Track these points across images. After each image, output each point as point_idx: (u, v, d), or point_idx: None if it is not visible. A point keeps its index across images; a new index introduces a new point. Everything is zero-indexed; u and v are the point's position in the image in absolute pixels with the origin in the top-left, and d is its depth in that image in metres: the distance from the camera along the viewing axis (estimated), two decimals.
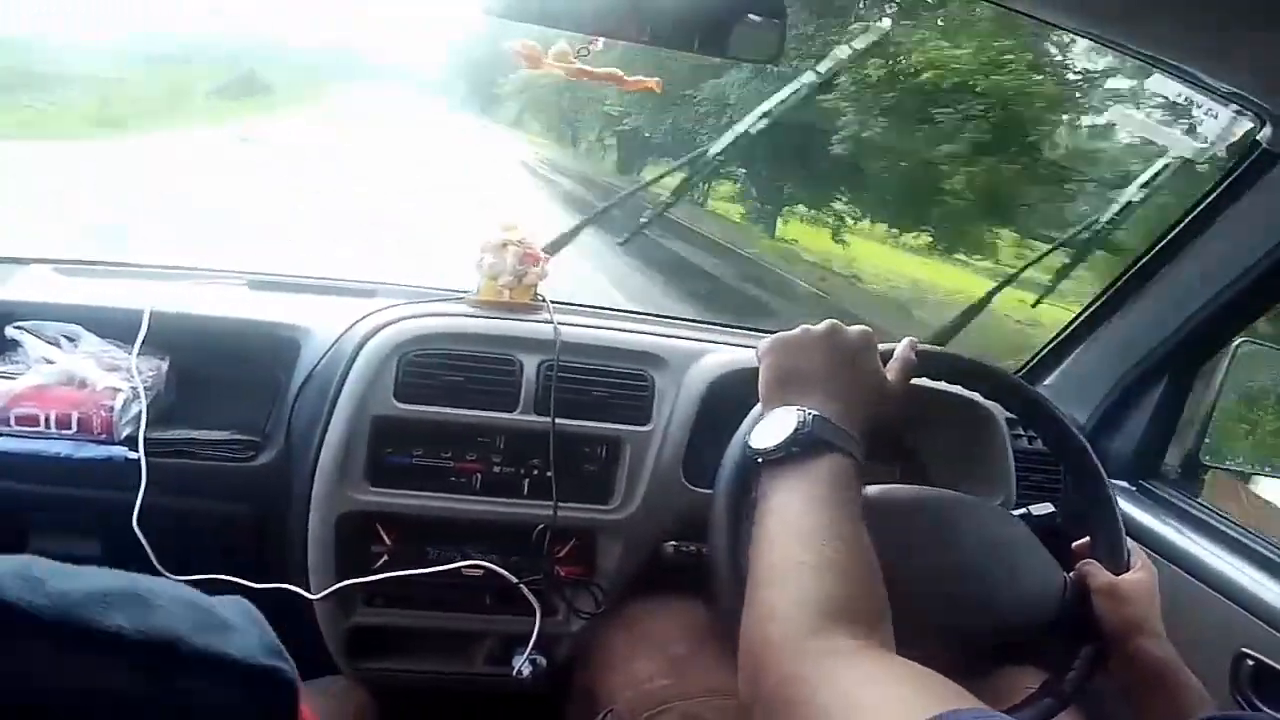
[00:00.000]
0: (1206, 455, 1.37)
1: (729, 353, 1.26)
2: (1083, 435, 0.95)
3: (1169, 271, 1.30)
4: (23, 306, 1.17)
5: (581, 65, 1.04)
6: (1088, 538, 0.94)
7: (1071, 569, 0.91)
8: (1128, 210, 1.60)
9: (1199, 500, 1.34)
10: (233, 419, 1.19)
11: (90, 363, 1.11)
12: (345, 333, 1.20)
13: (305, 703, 0.43)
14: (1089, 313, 1.43)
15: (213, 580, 1.04)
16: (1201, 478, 1.39)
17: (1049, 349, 1.51)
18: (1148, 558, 0.93)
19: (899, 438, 1.28)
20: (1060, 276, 1.81)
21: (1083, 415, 1.42)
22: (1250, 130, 1.12)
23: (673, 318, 1.48)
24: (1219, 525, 1.25)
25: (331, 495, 1.13)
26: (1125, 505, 1.22)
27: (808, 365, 0.76)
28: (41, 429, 1.08)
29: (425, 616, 1.20)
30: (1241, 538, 1.21)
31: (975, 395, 1.23)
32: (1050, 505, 1.05)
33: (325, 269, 1.48)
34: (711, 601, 0.87)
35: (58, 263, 1.35)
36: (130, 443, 1.09)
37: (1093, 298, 1.44)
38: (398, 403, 1.14)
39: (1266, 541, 1.19)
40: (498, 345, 1.19)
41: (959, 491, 0.96)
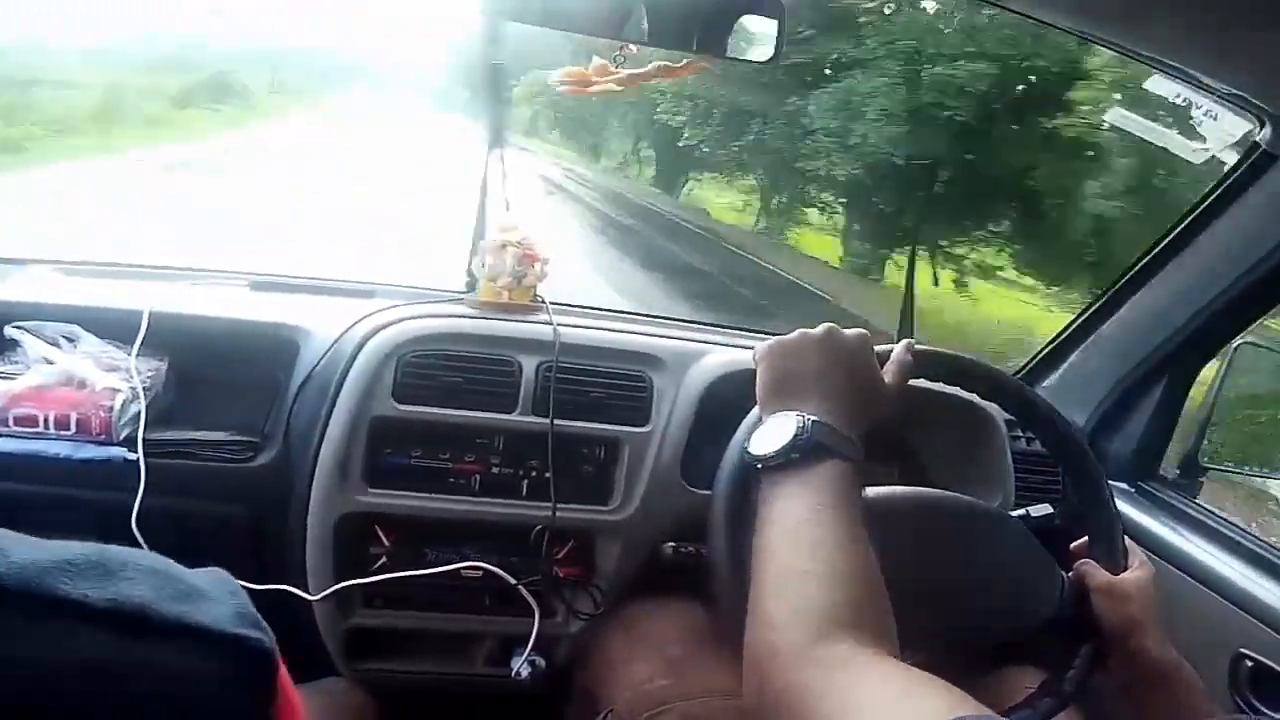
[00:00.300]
0: (1205, 457, 1.37)
1: (728, 354, 1.26)
2: (1081, 436, 0.95)
3: (1168, 273, 1.29)
4: (22, 306, 1.17)
5: (629, 73, 1.02)
6: (1086, 538, 0.94)
7: (1070, 569, 0.92)
8: None
9: (1197, 501, 1.34)
10: (232, 420, 1.19)
11: (89, 363, 1.11)
12: (344, 333, 1.20)
13: (306, 703, 0.43)
14: (1088, 314, 1.43)
15: None
16: (1200, 479, 1.39)
17: (1048, 350, 1.51)
18: (1146, 558, 0.93)
19: (898, 439, 1.28)
20: None
21: (1082, 416, 1.42)
22: (1249, 131, 1.12)
23: (671, 319, 1.48)
24: (1217, 526, 1.25)
25: (330, 496, 1.13)
26: (1124, 506, 1.22)
27: (805, 369, 0.76)
28: (40, 429, 1.08)
29: (424, 618, 1.20)
30: (1240, 539, 1.21)
31: (974, 396, 1.23)
32: (1049, 506, 1.05)
33: (323, 270, 1.48)
34: (711, 602, 0.87)
35: (57, 263, 1.35)
36: (129, 443, 1.09)
37: (1092, 299, 1.44)
38: (397, 403, 1.14)
39: (1265, 542, 1.20)
40: (496, 346, 1.19)
41: (958, 493, 0.96)
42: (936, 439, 1.29)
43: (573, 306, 1.38)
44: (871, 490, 0.86)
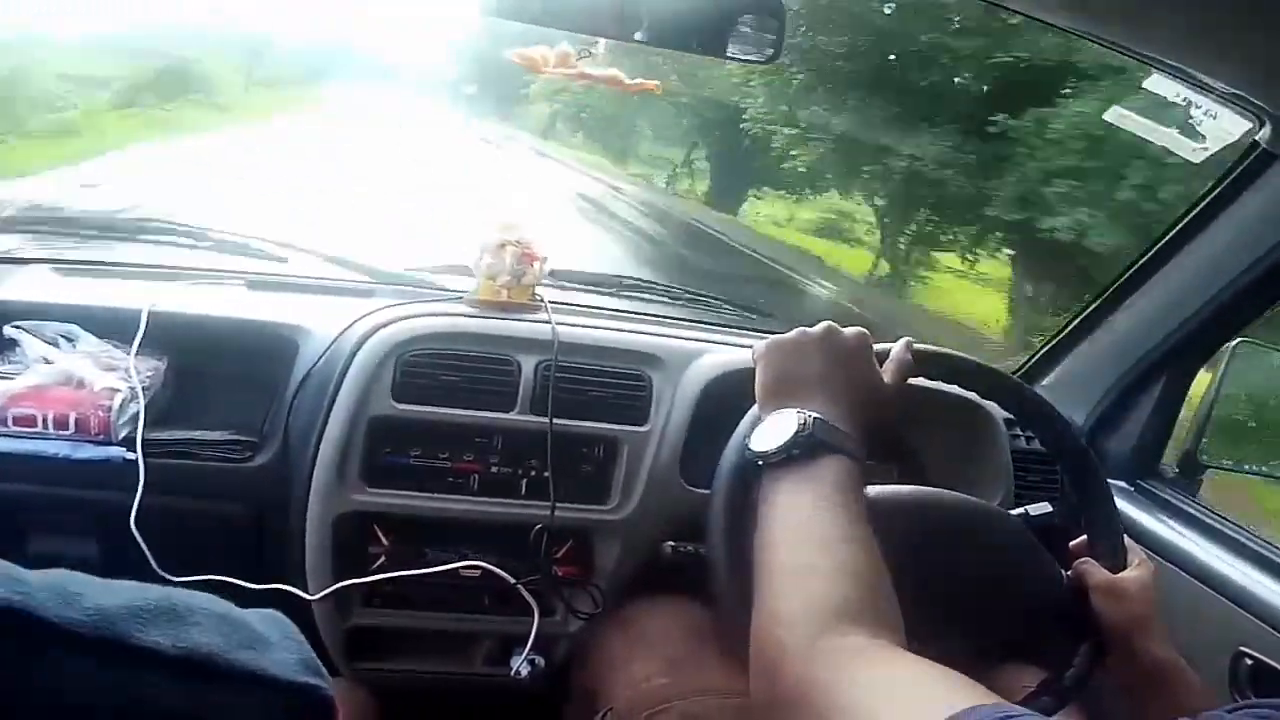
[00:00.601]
0: (1204, 455, 1.37)
1: (726, 353, 1.26)
2: (1080, 435, 0.95)
3: (1167, 271, 1.29)
4: (21, 306, 1.17)
5: (583, 68, 1.04)
6: (1085, 537, 0.94)
7: (1069, 568, 0.92)
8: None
9: (1197, 500, 1.34)
10: (230, 419, 1.19)
11: (88, 363, 1.11)
12: (343, 333, 1.20)
13: None
14: (1087, 312, 1.43)
15: (210, 581, 1.04)
16: (1199, 477, 1.39)
17: (1047, 349, 1.51)
18: (1145, 556, 0.93)
19: (897, 438, 1.28)
20: None
21: (1080, 415, 1.42)
22: (1249, 130, 1.12)
23: (670, 318, 1.48)
24: (1217, 525, 1.25)
25: (329, 496, 1.13)
26: (1123, 505, 1.22)
27: (804, 368, 0.75)
28: (39, 429, 1.07)
29: (423, 617, 1.20)
30: (1239, 537, 1.21)
31: (973, 395, 1.23)
32: (1048, 505, 1.05)
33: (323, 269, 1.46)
34: (710, 601, 0.87)
35: (56, 263, 1.35)
36: (128, 443, 1.09)
37: (1091, 297, 1.44)
38: (395, 403, 1.14)
39: (1265, 541, 1.20)
40: (495, 345, 1.19)
41: (957, 491, 0.96)
42: (936, 438, 1.29)
43: (572, 305, 1.38)
44: (871, 489, 0.86)
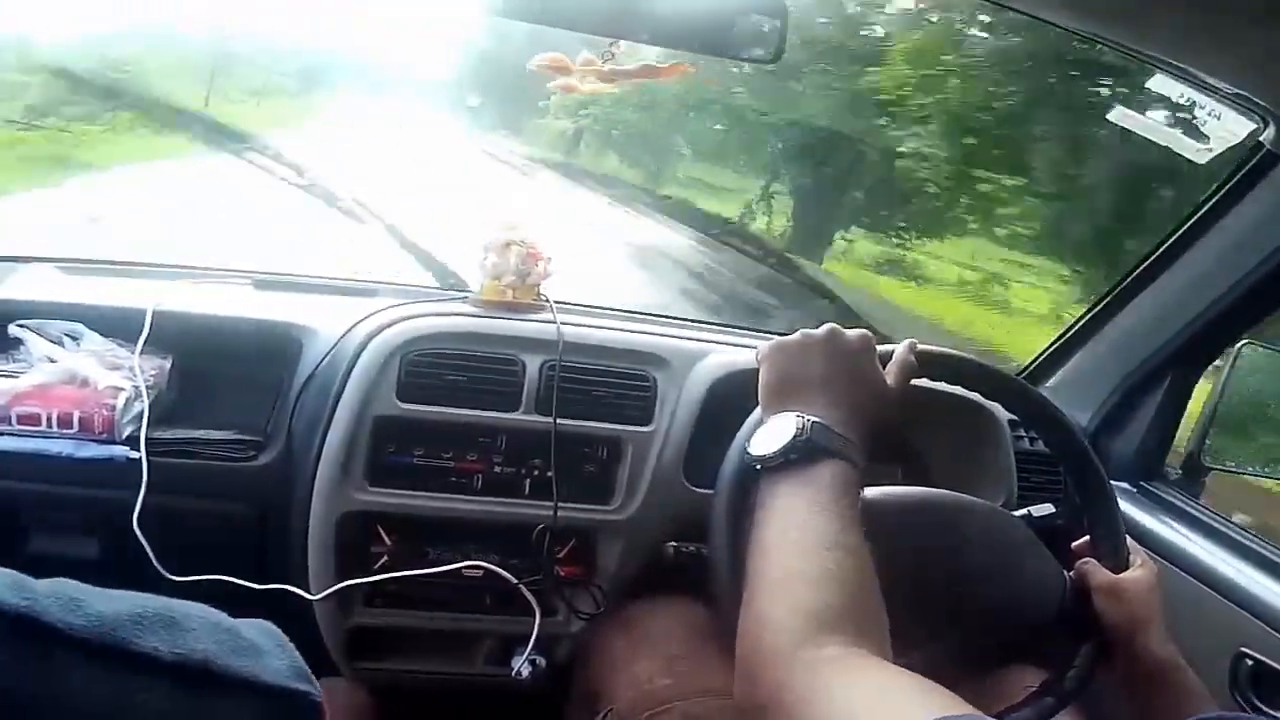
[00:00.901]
0: (1208, 457, 1.37)
1: (731, 353, 1.26)
2: (1084, 436, 0.95)
3: (1172, 273, 1.29)
4: (25, 305, 1.17)
5: (613, 69, 1.02)
6: (1088, 537, 0.94)
7: (1072, 568, 0.92)
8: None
9: (1200, 501, 1.34)
10: (234, 419, 1.19)
11: (92, 361, 1.11)
12: (348, 332, 1.20)
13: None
14: (1091, 314, 1.43)
15: (213, 581, 1.04)
16: (1202, 479, 1.39)
17: (1051, 350, 1.51)
18: (1148, 557, 0.93)
19: (900, 439, 1.28)
20: None
21: (1084, 416, 1.42)
22: (1253, 131, 1.12)
23: (675, 318, 1.48)
24: (1219, 526, 1.25)
25: (332, 495, 1.13)
26: (1126, 506, 1.22)
27: (807, 370, 0.76)
28: (43, 428, 1.07)
29: (425, 617, 1.20)
30: (1241, 539, 1.21)
31: (976, 396, 1.23)
32: (1051, 506, 1.05)
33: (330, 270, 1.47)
34: (712, 602, 0.87)
35: (61, 261, 1.35)
36: (132, 442, 1.09)
37: (1096, 298, 1.44)
38: (399, 402, 1.14)
39: (1266, 542, 1.19)
40: (500, 345, 1.19)
41: (960, 492, 0.96)
42: (939, 439, 1.29)
43: (576, 305, 1.38)
44: (874, 490, 0.86)
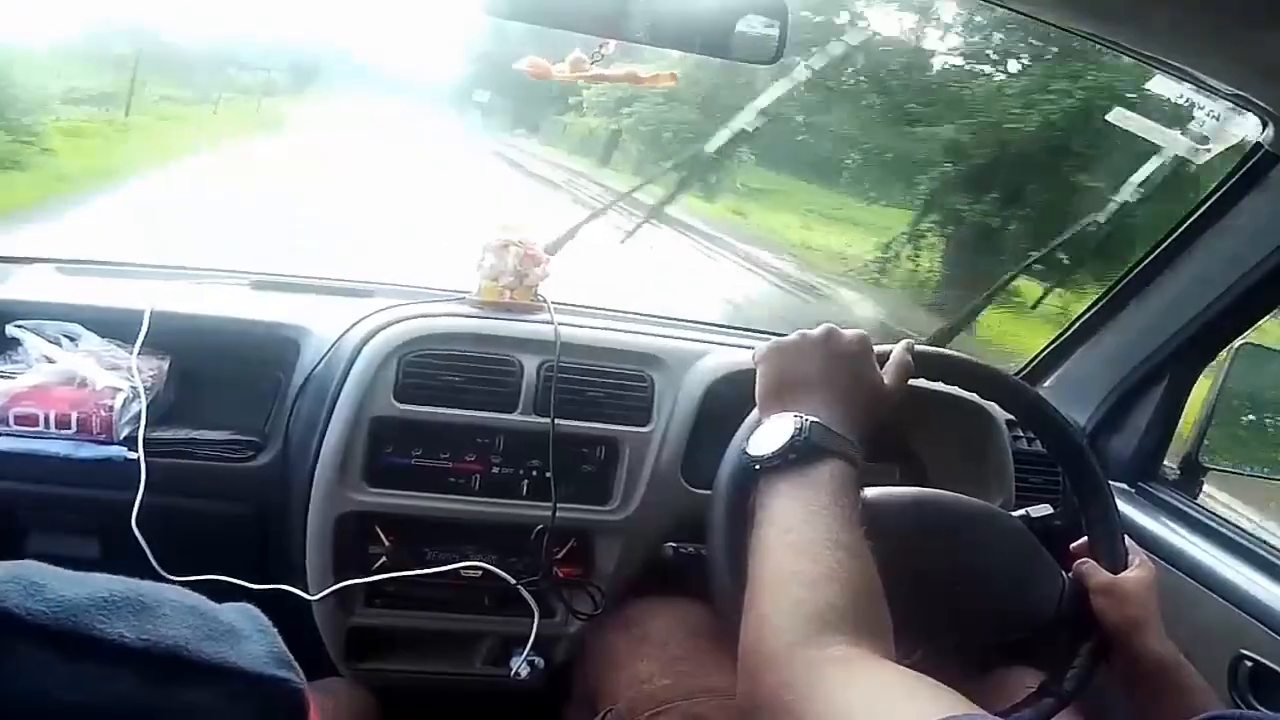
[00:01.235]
0: (1205, 457, 1.37)
1: (728, 354, 1.26)
2: (1082, 436, 0.95)
3: (1169, 273, 1.29)
4: (23, 305, 1.17)
5: (598, 71, 1.03)
6: (1086, 538, 0.94)
7: (1070, 569, 0.92)
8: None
9: (1198, 502, 1.34)
10: (232, 419, 1.19)
11: (91, 362, 1.11)
12: (345, 333, 1.20)
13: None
14: (1089, 314, 1.43)
15: (212, 581, 1.04)
16: (1200, 479, 1.39)
17: (1049, 350, 1.51)
18: (1146, 557, 0.93)
19: (898, 440, 1.28)
20: None
21: (1082, 417, 1.42)
22: (1252, 132, 1.12)
23: (672, 319, 1.48)
24: (1218, 527, 1.25)
25: (330, 496, 1.13)
26: (1124, 507, 1.22)
27: (805, 370, 0.76)
28: (41, 429, 1.07)
29: (424, 617, 1.20)
30: (1240, 539, 1.21)
31: (974, 396, 1.23)
32: (1049, 506, 1.05)
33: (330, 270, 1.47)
34: (711, 602, 0.87)
35: (59, 262, 1.35)
36: (130, 443, 1.09)
37: (1094, 299, 1.44)
38: (397, 403, 1.14)
39: (1265, 543, 1.20)
40: (498, 346, 1.19)
41: (958, 493, 0.96)
42: (937, 439, 1.29)
43: (574, 306, 1.38)
44: (872, 490, 0.86)
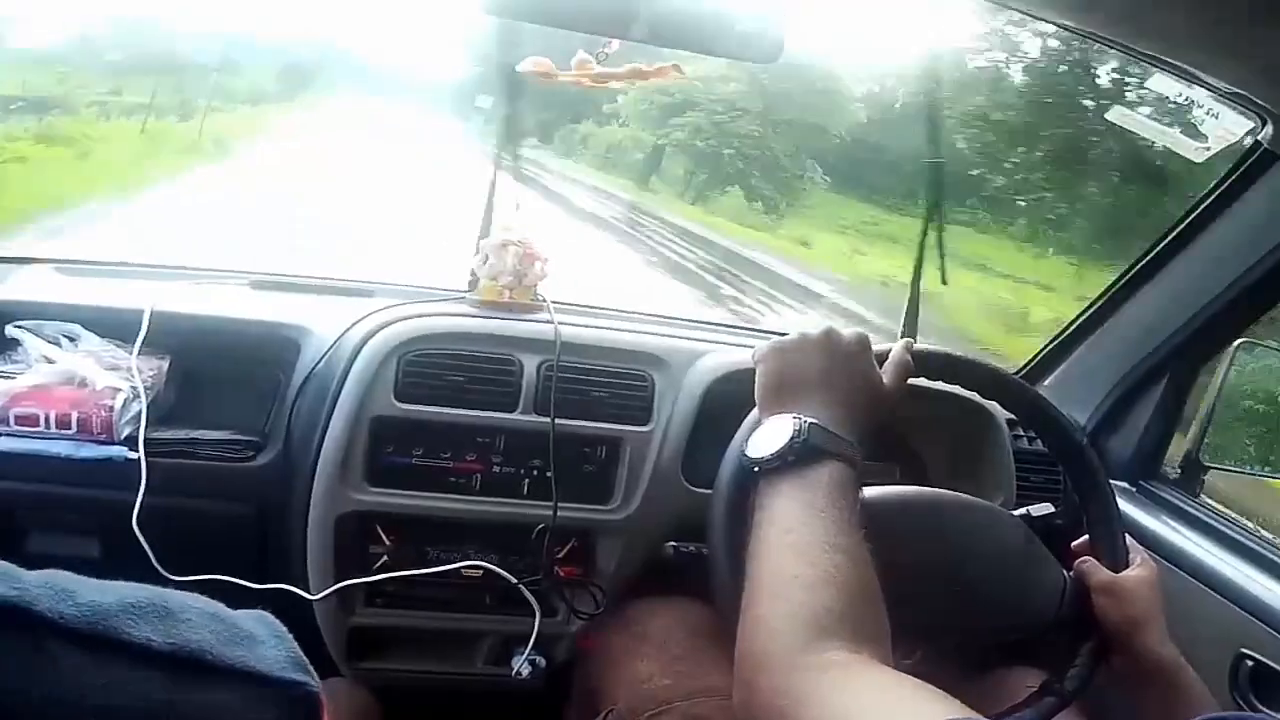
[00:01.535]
0: (1206, 455, 1.37)
1: (729, 353, 1.26)
2: (1082, 435, 0.95)
3: (1169, 271, 1.29)
4: (23, 306, 1.17)
5: (601, 69, 1.02)
6: (1086, 537, 0.94)
7: (1071, 568, 0.91)
8: None
9: (1199, 501, 1.34)
10: (233, 419, 1.19)
11: (90, 362, 1.11)
12: (345, 333, 1.20)
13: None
14: (1089, 312, 1.43)
15: (213, 581, 1.04)
16: (1201, 478, 1.39)
17: (1049, 348, 1.51)
18: (1147, 556, 0.93)
19: (898, 439, 1.28)
20: None
21: (1083, 415, 1.42)
22: (1251, 130, 1.12)
23: (673, 318, 1.48)
24: (1219, 526, 1.24)
25: (331, 495, 1.13)
26: (1125, 506, 1.22)
27: (804, 371, 0.75)
28: (41, 429, 1.07)
29: (425, 617, 1.20)
30: (1241, 538, 1.21)
31: (975, 396, 1.23)
32: (1050, 505, 1.05)
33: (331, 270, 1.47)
34: (712, 602, 0.87)
35: (58, 262, 1.35)
36: (130, 443, 1.09)
37: (1094, 297, 1.44)
38: (398, 403, 1.14)
39: (1266, 542, 1.19)
40: (498, 345, 1.19)
41: (959, 492, 0.96)
42: (937, 438, 1.29)
43: (574, 305, 1.38)
44: (872, 490, 0.86)
